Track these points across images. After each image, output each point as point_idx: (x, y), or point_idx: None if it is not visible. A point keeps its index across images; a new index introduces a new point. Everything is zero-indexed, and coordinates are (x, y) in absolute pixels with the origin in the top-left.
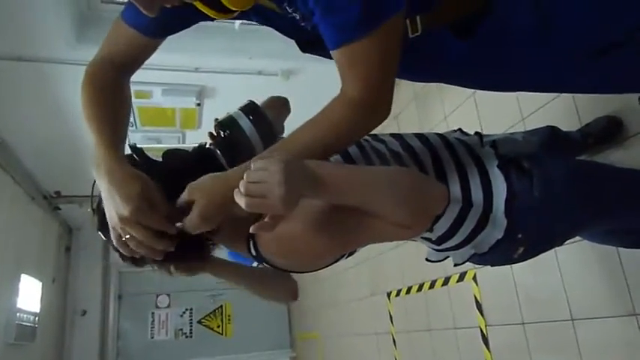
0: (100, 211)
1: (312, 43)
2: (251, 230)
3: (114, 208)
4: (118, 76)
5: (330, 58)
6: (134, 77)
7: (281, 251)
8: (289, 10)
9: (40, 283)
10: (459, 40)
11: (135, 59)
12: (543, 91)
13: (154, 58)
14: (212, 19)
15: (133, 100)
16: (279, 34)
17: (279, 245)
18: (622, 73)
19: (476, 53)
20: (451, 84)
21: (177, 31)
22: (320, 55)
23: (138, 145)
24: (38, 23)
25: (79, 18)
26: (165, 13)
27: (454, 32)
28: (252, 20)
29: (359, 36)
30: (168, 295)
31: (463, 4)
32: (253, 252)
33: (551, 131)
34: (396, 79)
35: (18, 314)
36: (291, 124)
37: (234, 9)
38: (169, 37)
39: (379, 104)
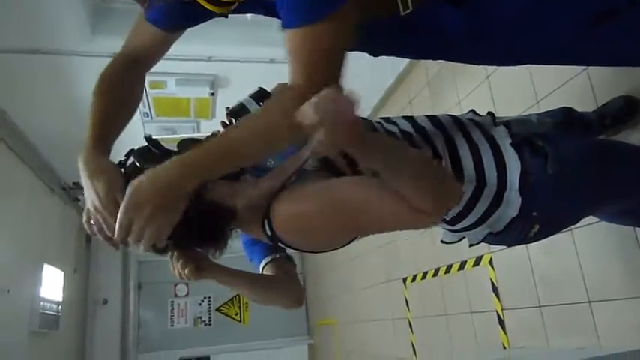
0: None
1: None
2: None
3: (87, 196)
4: (131, 71)
5: None
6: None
7: (296, 230)
8: None
9: (62, 273)
10: (453, 9)
11: (151, 53)
12: (547, 63)
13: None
14: (214, 14)
15: (148, 90)
16: None
17: (294, 223)
18: (627, 42)
19: (472, 23)
20: (451, 60)
21: (190, 26)
22: None
23: (153, 137)
24: (53, 16)
25: (94, 10)
26: (178, 8)
27: (448, 1)
28: (258, 13)
29: (304, 22)
30: (187, 283)
31: None
32: (268, 231)
33: (567, 112)
34: (412, 62)
35: (42, 303)
36: None
37: (228, 0)
38: None
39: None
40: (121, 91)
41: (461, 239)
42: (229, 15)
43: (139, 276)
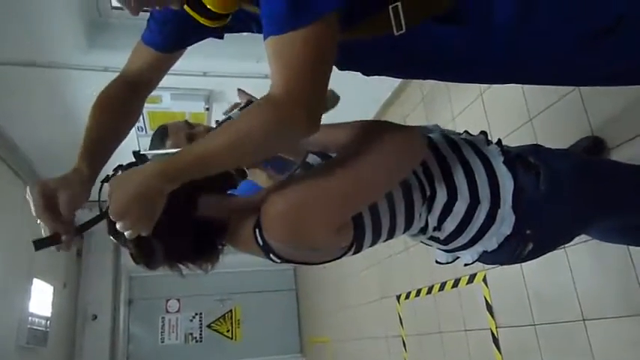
0: (108, 215)
1: None
2: None
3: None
4: (128, 92)
5: (334, 64)
6: None
7: (288, 229)
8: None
9: (52, 288)
10: (449, 27)
11: (148, 75)
12: (544, 83)
13: None
14: (213, 33)
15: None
16: None
17: (286, 220)
18: (620, 59)
19: (465, 42)
20: (447, 80)
21: (186, 46)
22: None
23: (141, 152)
24: (51, 29)
25: (91, 24)
26: (174, 29)
27: (441, 21)
28: (251, 30)
29: (284, 30)
30: (178, 299)
31: None
32: (260, 241)
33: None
34: (405, 80)
35: (30, 318)
36: None
37: (218, 12)
38: None
39: (297, 106)
40: (116, 111)
41: (455, 259)
42: (224, 35)
43: (129, 291)
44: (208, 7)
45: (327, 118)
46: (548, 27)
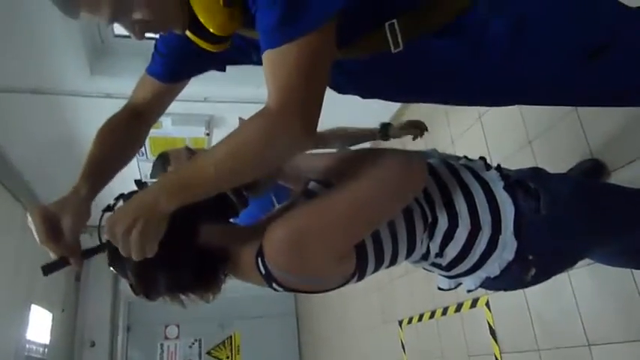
0: (110, 245)
1: None
2: None
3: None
4: (132, 121)
5: (334, 88)
6: None
7: (290, 256)
8: None
9: (50, 314)
10: (443, 41)
11: (152, 105)
12: (536, 103)
13: None
14: (214, 65)
15: None
16: None
17: (288, 247)
18: (614, 80)
19: (462, 58)
20: (444, 101)
21: (189, 77)
22: None
23: (143, 180)
24: (54, 57)
25: (93, 51)
26: (176, 60)
27: (438, 36)
28: (250, 60)
29: (278, 43)
30: (177, 325)
31: (441, 13)
32: (262, 270)
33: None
34: (404, 105)
35: (27, 346)
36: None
37: (218, 34)
38: None
39: (291, 115)
40: (119, 136)
41: (458, 285)
42: (226, 68)
43: (128, 317)
44: (210, 30)
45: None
46: (541, 45)
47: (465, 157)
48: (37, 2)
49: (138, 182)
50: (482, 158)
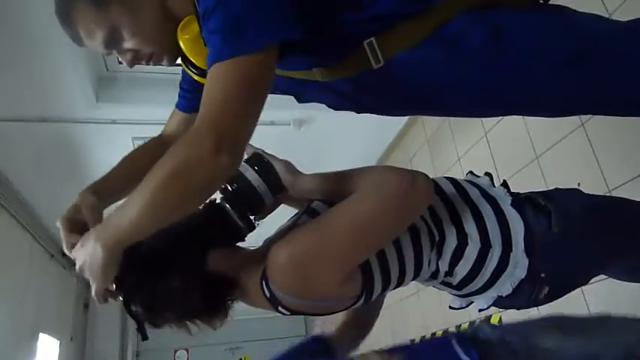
0: (124, 287)
1: (298, 95)
2: None
3: None
4: (159, 149)
5: (329, 106)
6: (151, 133)
7: (295, 277)
8: None
9: (58, 342)
10: (423, 53)
11: (178, 135)
12: (522, 113)
13: (169, 114)
14: None
15: None
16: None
17: (292, 268)
18: (598, 87)
19: (443, 68)
20: (434, 113)
21: None
22: (316, 102)
23: None
24: (59, 85)
25: (98, 79)
26: (195, 93)
27: (418, 48)
28: None
29: (214, 62)
30: (187, 349)
31: (419, 28)
32: (267, 293)
33: None
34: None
35: None
36: (306, 172)
37: (205, 68)
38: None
39: (210, 132)
40: (142, 160)
41: (469, 304)
42: None
43: (137, 343)
44: (198, 65)
45: (326, 156)
46: (520, 54)
47: (471, 172)
48: (43, 31)
49: None
50: (487, 174)
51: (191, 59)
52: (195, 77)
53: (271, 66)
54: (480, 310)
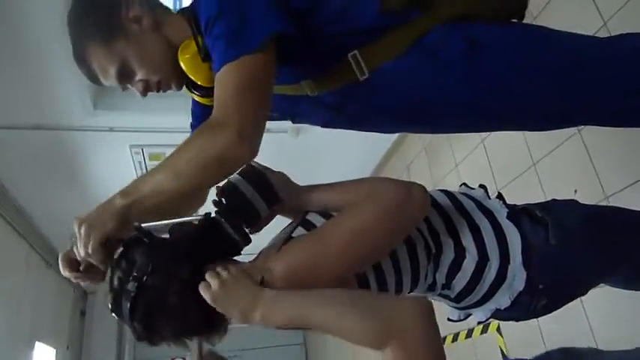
0: (114, 290)
1: (293, 114)
2: None
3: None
4: None
5: (322, 125)
6: (148, 141)
7: (292, 285)
8: None
9: (55, 351)
10: (405, 63)
11: None
12: (506, 128)
13: (167, 121)
14: None
15: (147, 162)
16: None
17: (286, 285)
18: (572, 99)
19: (428, 78)
20: (415, 130)
21: None
22: (309, 121)
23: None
24: (56, 93)
25: (96, 86)
26: (203, 116)
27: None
28: None
29: (221, 65)
30: (184, 358)
31: (401, 39)
32: None
33: None
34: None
35: None
36: (303, 181)
37: (206, 85)
38: (180, 99)
39: (225, 125)
40: None
41: (467, 316)
42: None
43: (134, 352)
44: (199, 83)
45: (324, 163)
46: (497, 68)
47: (464, 184)
48: (39, 39)
49: (139, 229)
50: (481, 186)
51: (192, 78)
52: (200, 99)
53: (272, 60)
54: (479, 323)
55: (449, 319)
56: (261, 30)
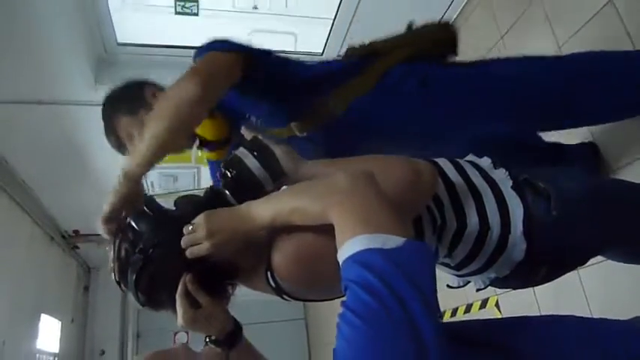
0: (120, 260)
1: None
2: None
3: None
4: None
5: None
6: None
7: (299, 271)
8: None
9: (60, 323)
10: (373, 97)
11: None
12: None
13: None
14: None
15: None
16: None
17: (296, 265)
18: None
19: (394, 112)
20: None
21: None
22: None
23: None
24: (57, 67)
25: (97, 61)
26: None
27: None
28: None
29: (210, 50)
30: (187, 332)
31: (369, 77)
32: (273, 284)
33: None
34: None
35: (37, 355)
36: None
37: (215, 139)
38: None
39: (194, 73)
40: None
41: (467, 284)
42: None
43: (138, 324)
44: (207, 138)
45: None
46: (447, 104)
47: (472, 153)
48: (40, 14)
49: (147, 201)
50: (489, 156)
51: (199, 133)
52: (209, 155)
53: (236, 65)
54: (478, 290)
55: (448, 286)
56: (235, 46)
